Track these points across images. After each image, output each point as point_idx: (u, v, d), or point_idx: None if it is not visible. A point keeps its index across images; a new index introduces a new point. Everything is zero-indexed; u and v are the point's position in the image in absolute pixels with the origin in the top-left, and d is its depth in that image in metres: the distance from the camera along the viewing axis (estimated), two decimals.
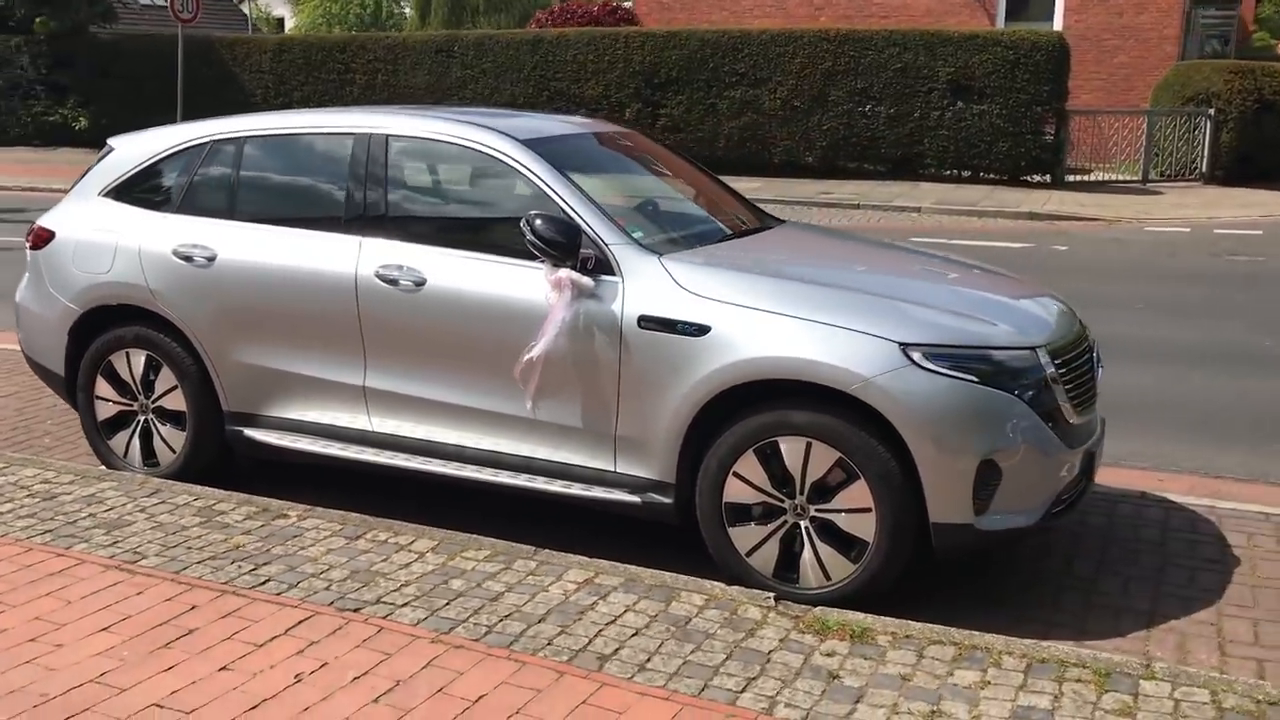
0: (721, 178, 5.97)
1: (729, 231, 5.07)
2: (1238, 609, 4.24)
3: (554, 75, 20.38)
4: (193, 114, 16.98)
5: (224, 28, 44.25)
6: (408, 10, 48.18)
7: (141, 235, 5.14)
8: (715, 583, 4.14)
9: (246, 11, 55.70)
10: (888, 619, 3.89)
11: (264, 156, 5.15)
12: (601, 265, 4.32)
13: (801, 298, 4.14)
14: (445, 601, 3.95)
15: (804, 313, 4.06)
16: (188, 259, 5.01)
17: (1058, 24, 21.86)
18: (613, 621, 3.84)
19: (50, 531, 4.49)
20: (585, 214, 4.40)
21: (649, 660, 3.59)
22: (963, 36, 18.07)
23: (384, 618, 3.82)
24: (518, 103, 20.72)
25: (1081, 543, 4.85)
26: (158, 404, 5.21)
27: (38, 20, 24.42)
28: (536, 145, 4.65)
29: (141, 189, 5.30)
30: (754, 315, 4.10)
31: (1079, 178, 18.88)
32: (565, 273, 4.28)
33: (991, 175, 18.51)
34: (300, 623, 3.78)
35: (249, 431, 5.05)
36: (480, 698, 3.34)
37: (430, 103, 21.29)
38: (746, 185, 17.96)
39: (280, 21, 55.57)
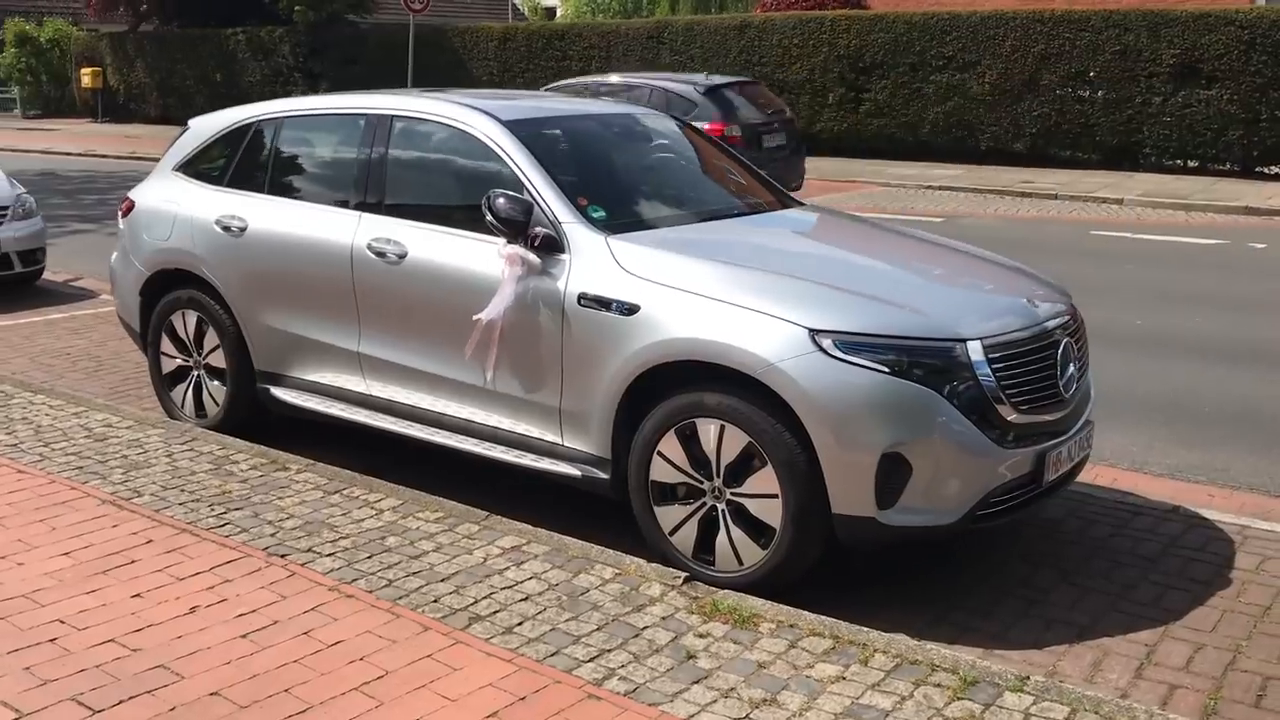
0: (910, 164, 5.95)
1: (715, 213, 5.05)
2: (1190, 632, 3.91)
3: (759, 60, 20.35)
4: None
5: (491, 16, 46.47)
6: None
7: (195, 207, 5.65)
8: (637, 559, 4.19)
9: (517, 2, 58.20)
10: (783, 607, 3.84)
11: (294, 136, 5.56)
12: (554, 243, 4.44)
13: (726, 281, 4.12)
14: (368, 555, 4.19)
15: (724, 295, 4.04)
16: (226, 229, 5.48)
17: None
18: (511, 586, 3.97)
19: (80, 468, 5.03)
20: (545, 193, 4.53)
21: (520, 625, 3.71)
22: (1191, 16, 16.76)
23: (302, 565, 4.10)
24: None
25: (1066, 551, 4.59)
26: (207, 361, 5.71)
27: (296, 10, 26.47)
28: (518, 126, 4.80)
29: (202, 164, 5.82)
30: (680, 296, 4.12)
31: None
32: (515, 249, 4.43)
33: (1221, 166, 17.13)
34: (228, 563, 4.11)
35: (274, 390, 5.46)
36: (337, 643, 3.56)
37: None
38: (944, 173, 17.54)
39: (550, 11, 57.73)
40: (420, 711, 3.20)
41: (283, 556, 4.16)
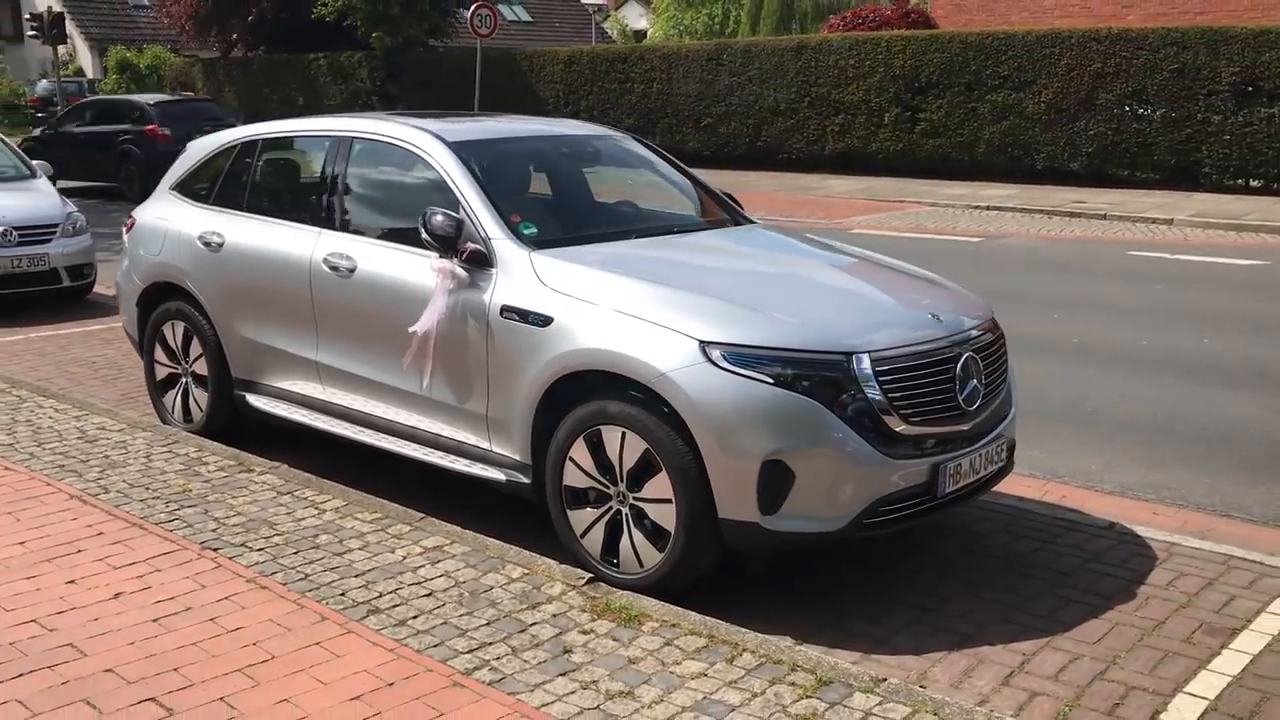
0: (963, 183, 6.07)
1: (650, 230, 5.22)
2: (1074, 643, 3.97)
3: (815, 80, 20.43)
4: None
5: (577, 39, 47.24)
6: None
7: (183, 223, 6.01)
8: (548, 561, 4.37)
9: (607, 28, 58.95)
10: (672, 608, 3.99)
11: (270, 156, 5.90)
12: (483, 258, 4.66)
13: (632, 294, 4.29)
14: (295, 551, 4.44)
15: (628, 308, 4.22)
16: (207, 244, 5.82)
17: None
18: (420, 583, 4.19)
19: (61, 467, 5.39)
20: (479, 211, 4.76)
21: (415, 618, 3.92)
22: (1250, 33, 16.41)
23: (230, 558, 4.37)
24: (779, 108, 20.94)
25: (982, 564, 4.66)
26: (193, 369, 6.05)
27: (374, 36, 27.27)
28: (463, 148, 5.05)
29: (193, 184, 6.18)
30: (589, 309, 4.31)
31: None
32: (444, 263, 4.66)
33: None
34: (164, 554, 4.40)
35: (249, 397, 5.77)
36: (238, 629, 3.81)
37: (697, 109, 21.95)
38: (996, 193, 17.41)
39: (640, 34, 58.42)
40: (291, 692, 3.42)
41: (215, 550, 4.44)
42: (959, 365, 4.26)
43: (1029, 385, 7.26)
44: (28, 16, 32.14)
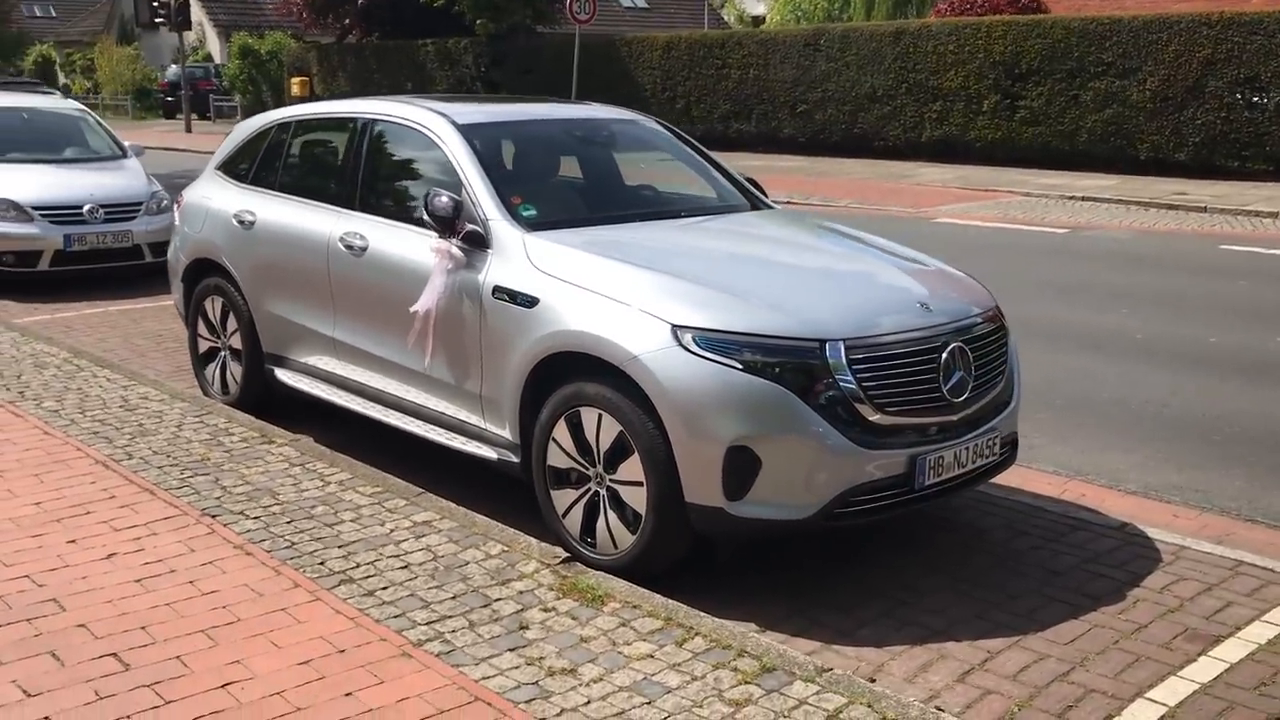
0: (1060, 173, 5.97)
1: (655, 214, 5.22)
2: (1044, 643, 3.86)
3: (913, 67, 20.06)
4: None
5: (692, 25, 47.15)
6: None
7: (222, 202, 6.22)
8: (529, 539, 4.43)
9: (724, 14, 58.69)
10: (638, 590, 4.01)
11: (301, 138, 6.05)
12: (480, 239, 4.73)
13: (613, 277, 4.30)
14: (288, 520, 4.58)
15: (608, 291, 4.24)
16: (241, 222, 6.01)
17: None
18: (398, 556, 4.28)
19: (95, 433, 5.64)
20: (479, 191, 4.82)
21: (384, 589, 4.01)
22: None
23: (225, 525, 4.52)
24: (876, 95, 20.61)
25: (972, 559, 4.57)
26: (229, 343, 6.27)
27: (478, 23, 27.66)
28: (471, 130, 5.12)
29: (235, 164, 6.39)
30: (572, 291, 4.34)
31: None
32: (442, 243, 4.74)
33: None
34: (165, 519, 4.58)
35: (278, 371, 5.96)
36: (213, 592, 3.95)
37: (793, 95, 21.74)
38: (1093, 183, 16.90)
39: (756, 19, 58.08)
40: (245, 654, 3.54)
41: (213, 517, 4.60)
42: (945, 355, 4.18)
43: (1075, 381, 7.09)
44: (156, 4, 33.35)
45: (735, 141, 23.03)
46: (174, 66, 41.70)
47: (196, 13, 42.97)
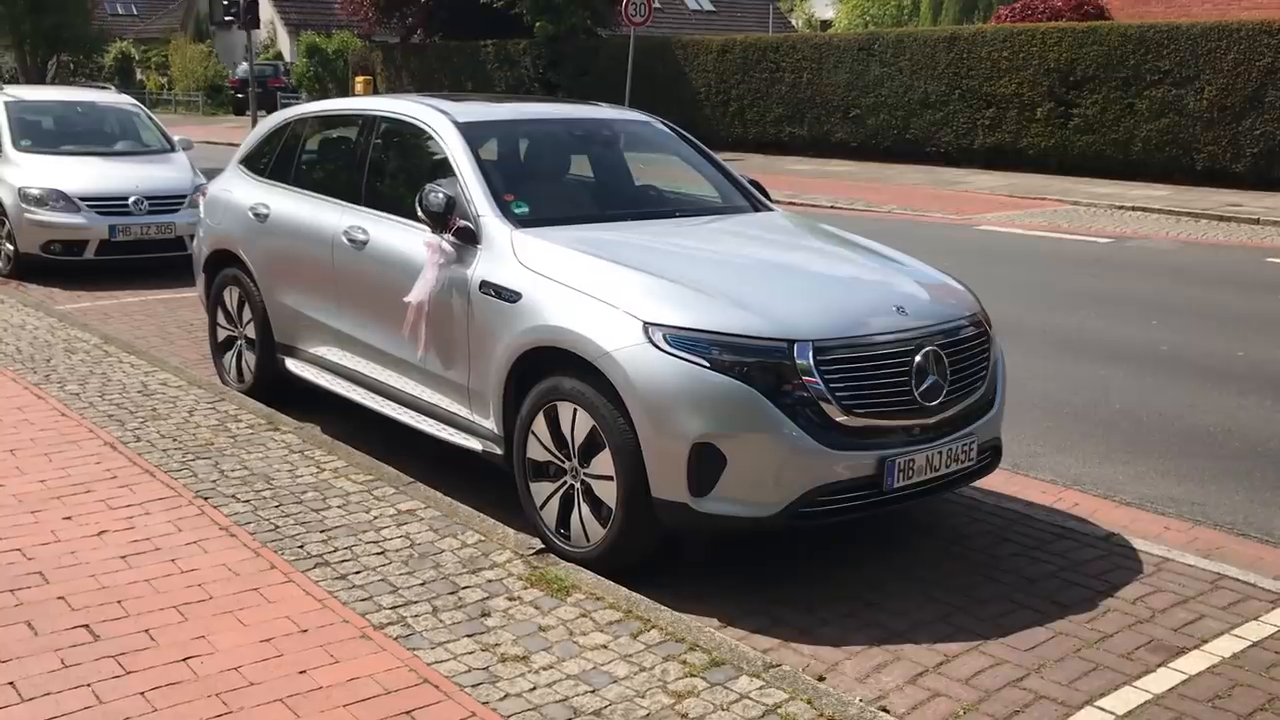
0: (1112, 182, 6.00)
1: (648, 214, 5.28)
2: (1004, 649, 3.86)
3: (966, 73, 19.88)
4: (642, 109, 18.85)
5: (757, 29, 47.10)
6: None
7: (241, 195, 6.39)
8: (507, 529, 4.52)
9: (792, 19, 58.48)
10: (604, 582, 4.07)
11: (316, 134, 6.20)
12: (470, 235, 4.82)
13: (592, 275, 4.37)
14: (276, 505, 4.71)
15: (585, 288, 4.31)
16: (256, 215, 6.17)
17: None
18: (376, 542, 4.39)
19: (110, 416, 5.83)
20: (472, 188, 4.92)
21: (358, 574, 4.12)
22: None
23: (215, 507, 4.66)
24: (929, 100, 20.46)
25: (947, 564, 4.56)
26: (245, 333, 6.44)
27: (537, 25, 27.88)
28: (469, 128, 5.22)
29: (254, 159, 6.56)
30: (552, 287, 4.42)
31: None
32: (434, 238, 4.85)
33: None
34: (159, 499, 4.73)
35: (288, 361, 6.10)
36: (192, 570, 4.09)
37: (846, 99, 21.65)
38: (1144, 194, 16.65)
39: (824, 24, 57.86)
40: (211, 630, 3.66)
41: (205, 499, 4.74)
42: (918, 358, 4.18)
43: (1089, 390, 7.02)
44: (226, 2, 34.04)
45: (787, 146, 23.00)
46: (244, 64, 42.56)
47: (268, 11, 43.74)
